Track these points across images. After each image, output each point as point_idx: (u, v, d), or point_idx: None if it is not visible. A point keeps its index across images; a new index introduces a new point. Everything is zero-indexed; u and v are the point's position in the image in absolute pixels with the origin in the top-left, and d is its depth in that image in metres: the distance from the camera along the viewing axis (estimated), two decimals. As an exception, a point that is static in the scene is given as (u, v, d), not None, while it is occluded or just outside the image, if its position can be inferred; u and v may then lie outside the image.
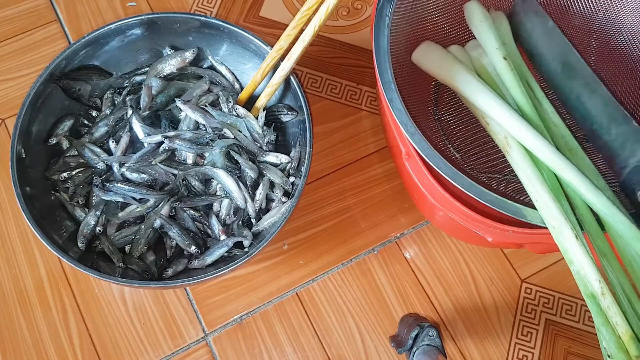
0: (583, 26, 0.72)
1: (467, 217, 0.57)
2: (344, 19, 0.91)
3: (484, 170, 0.70)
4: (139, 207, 0.69)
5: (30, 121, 0.68)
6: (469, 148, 0.72)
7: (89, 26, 0.89)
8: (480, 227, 0.58)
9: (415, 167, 0.59)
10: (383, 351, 0.75)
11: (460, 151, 0.72)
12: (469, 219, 0.58)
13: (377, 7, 0.62)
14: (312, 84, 0.87)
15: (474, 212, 0.56)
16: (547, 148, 0.57)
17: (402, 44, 0.66)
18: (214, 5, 0.91)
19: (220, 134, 0.71)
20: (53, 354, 0.74)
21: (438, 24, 0.71)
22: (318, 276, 0.78)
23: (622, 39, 0.71)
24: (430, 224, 0.80)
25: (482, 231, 0.58)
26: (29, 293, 0.76)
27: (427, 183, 0.58)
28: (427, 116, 0.73)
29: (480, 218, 0.56)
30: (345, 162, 0.83)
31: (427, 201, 0.60)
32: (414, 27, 0.68)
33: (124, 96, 0.75)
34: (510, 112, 0.59)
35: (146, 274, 0.68)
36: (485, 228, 0.57)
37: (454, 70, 0.64)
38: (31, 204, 0.64)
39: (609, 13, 0.71)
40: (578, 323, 0.77)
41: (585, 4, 0.71)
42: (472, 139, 0.72)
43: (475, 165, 0.71)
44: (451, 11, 0.71)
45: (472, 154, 0.71)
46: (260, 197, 0.71)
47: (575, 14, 0.72)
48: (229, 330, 0.76)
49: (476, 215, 0.56)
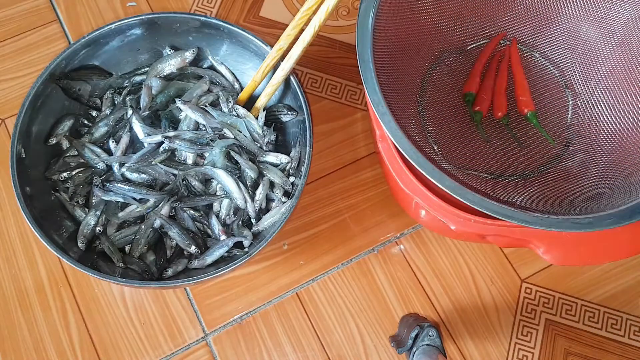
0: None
1: (431, 203, 0.57)
2: (344, 19, 0.91)
3: (461, 166, 0.71)
4: (139, 207, 0.69)
5: (30, 121, 0.68)
6: (448, 141, 0.72)
7: (89, 26, 0.89)
8: (444, 213, 0.57)
9: (387, 151, 0.59)
10: (383, 351, 0.75)
11: (438, 143, 0.72)
12: (433, 205, 0.57)
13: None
14: (312, 84, 0.87)
15: (436, 196, 0.56)
16: None
17: (389, 20, 0.64)
18: (214, 5, 0.91)
19: (220, 134, 0.71)
20: (53, 354, 0.74)
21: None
22: (318, 276, 0.78)
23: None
24: (430, 224, 0.80)
25: (445, 218, 0.58)
26: (29, 293, 0.76)
27: (398, 168, 0.58)
28: (409, 106, 0.73)
29: (442, 204, 0.56)
30: (345, 162, 0.83)
31: (399, 188, 0.60)
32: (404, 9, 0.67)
33: (124, 96, 0.75)
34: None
35: (146, 274, 0.68)
36: (448, 215, 0.57)
37: None
38: (31, 204, 0.64)
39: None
40: (578, 323, 0.77)
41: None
42: (453, 132, 0.73)
43: (451, 159, 0.71)
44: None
45: (450, 149, 0.72)
46: (260, 197, 0.71)
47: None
48: (229, 330, 0.76)
49: (438, 200, 0.56)
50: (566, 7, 0.72)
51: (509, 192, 0.69)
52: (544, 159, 0.71)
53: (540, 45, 0.76)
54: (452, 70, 0.76)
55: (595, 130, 0.70)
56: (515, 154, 0.72)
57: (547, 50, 0.76)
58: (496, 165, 0.71)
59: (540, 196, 0.68)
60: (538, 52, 0.76)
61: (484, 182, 0.69)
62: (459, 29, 0.75)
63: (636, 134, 0.65)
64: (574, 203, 0.63)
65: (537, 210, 0.52)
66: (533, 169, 0.71)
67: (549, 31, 0.75)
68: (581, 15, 0.72)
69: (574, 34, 0.73)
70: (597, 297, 0.77)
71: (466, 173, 0.70)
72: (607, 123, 0.69)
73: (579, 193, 0.65)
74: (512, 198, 0.67)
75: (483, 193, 0.53)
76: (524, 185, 0.70)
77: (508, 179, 0.70)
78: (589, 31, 0.72)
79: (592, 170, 0.67)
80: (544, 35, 0.75)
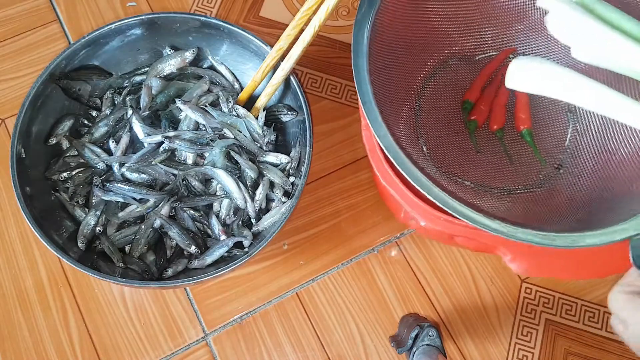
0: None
1: (402, 195, 0.57)
2: (344, 19, 0.91)
3: (447, 171, 0.70)
4: (139, 207, 0.69)
5: (30, 121, 0.68)
6: (438, 145, 0.72)
7: (89, 26, 0.89)
8: (414, 207, 0.57)
9: (369, 141, 0.59)
10: (383, 351, 0.75)
11: (428, 144, 0.72)
12: (404, 197, 0.57)
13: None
14: (312, 84, 0.87)
15: (408, 189, 0.56)
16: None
17: (395, 13, 0.63)
18: (214, 5, 0.91)
19: (220, 134, 0.71)
20: (53, 354, 0.74)
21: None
22: (318, 276, 0.78)
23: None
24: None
25: (416, 211, 0.57)
26: (29, 293, 0.76)
27: (377, 159, 0.58)
28: (404, 101, 0.73)
29: (413, 198, 0.56)
30: (345, 162, 0.83)
31: (378, 180, 0.60)
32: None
33: (124, 96, 0.75)
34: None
35: (146, 274, 0.68)
36: (419, 210, 0.57)
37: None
38: (31, 204, 0.64)
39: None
40: (578, 323, 0.77)
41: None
42: (445, 137, 0.72)
43: (438, 162, 0.71)
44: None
45: (440, 152, 0.71)
46: (260, 197, 0.71)
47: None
48: (229, 330, 0.76)
49: (409, 193, 0.56)
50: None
51: (489, 203, 0.68)
52: (531, 178, 0.70)
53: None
54: (457, 76, 0.75)
55: (590, 156, 0.69)
56: (503, 168, 0.71)
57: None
58: (481, 176, 0.70)
59: (519, 211, 0.67)
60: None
61: (466, 190, 0.69)
62: (469, 36, 0.74)
63: (631, 166, 0.64)
64: (548, 221, 0.63)
65: (499, 218, 0.52)
66: (519, 185, 0.70)
67: (557, 50, 0.73)
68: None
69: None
70: (597, 297, 0.77)
71: (450, 178, 0.70)
72: (604, 151, 0.68)
73: (556, 213, 0.65)
74: (489, 207, 0.67)
75: (452, 193, 0.53)
76: (506, 199, 0.69)
77: (491, 191, 0.69)
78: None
79: (577, 195, 0.66)
80: (553, 54, 0.73)
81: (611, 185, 0.63)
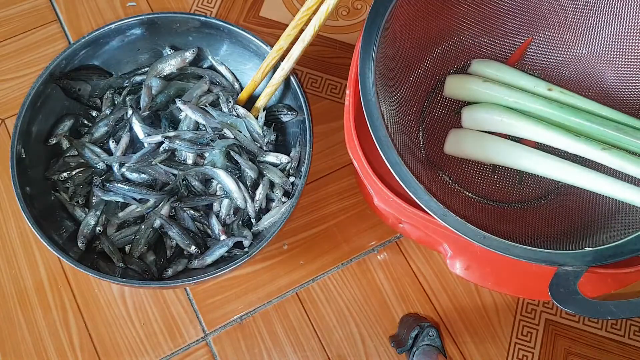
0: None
1: (361, 165, 0.57)
2: (344, 19, 0.91)
3: (440, 166, 0.70)
4: (139, 207, 0.69)
5: (30, 121, 0.68)
6: (436, 145, 0.71)
7: (89, 26, 0.89)
8: (370, 181, 0.57)
9: (347, 118, 0.59)
10: (383, 351, 0.75)
11: (425, 135, 0.71)
12: (362, 168, 0.57)
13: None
14: (312, 84, 0.87)
15: (368, 164, 0.56)
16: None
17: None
18: (214, 5, 0.91)
19: (220, 134, 0.71)
20: (53, 354, 0.74)
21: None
22: (318, 276, 0.78)
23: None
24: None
25: (371, 185, 0.57)
26: (29, 293, 0.76)
27: (349, 133, 0.58)
28: (414, 99, 0.73)
29: (369, 170, 0.55)
30: (345, 161, 0.83)
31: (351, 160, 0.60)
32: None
33: (124, 96, 0.75)
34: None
35: (146, 274, 0.68)
36: (373, 184, 0.56)
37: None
38: (31, 204, 0.64)
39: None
40: (578, 323, 0.77)
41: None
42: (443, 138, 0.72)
43: (435, 159, 0.71)
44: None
45: (436, 150, 0.71)
46: (260, 197, 0.71)
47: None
48: (229, 330, 0.76)
49: (367, 165, 0.56)
50: (582, 48, 0.70)
51: (473, 210, 0.68)
52: (526, 196, 0.70)
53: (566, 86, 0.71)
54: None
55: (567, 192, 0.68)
56: (503, 182, 0.71)
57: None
58: (476, 186, 0.70)
59: (477, 215, 0.67)
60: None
61: (452, 192, 0.69)
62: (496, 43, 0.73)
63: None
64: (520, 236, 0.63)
65: (451, 210, 0.52)
66: (513, 201, 0.69)
67: (571, 66, 0.72)
68: (598, 58, 0.69)
69: (592, 76, 0.71)
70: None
71: (437, 174, 0.69)
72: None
73: (533, 231, 0.65)
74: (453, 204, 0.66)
75: (416, 176, 0.52)
76: (492, 211, 0.69)
77: (481, 201, 0.69)
78: (607, 75, 0.70)
79: (566, 218, 0.66)
80: (570, 74, 0.72)
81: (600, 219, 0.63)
